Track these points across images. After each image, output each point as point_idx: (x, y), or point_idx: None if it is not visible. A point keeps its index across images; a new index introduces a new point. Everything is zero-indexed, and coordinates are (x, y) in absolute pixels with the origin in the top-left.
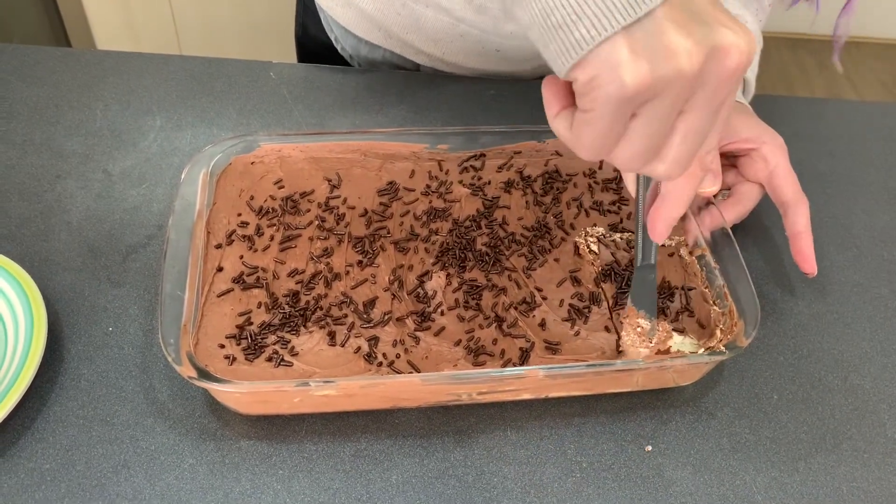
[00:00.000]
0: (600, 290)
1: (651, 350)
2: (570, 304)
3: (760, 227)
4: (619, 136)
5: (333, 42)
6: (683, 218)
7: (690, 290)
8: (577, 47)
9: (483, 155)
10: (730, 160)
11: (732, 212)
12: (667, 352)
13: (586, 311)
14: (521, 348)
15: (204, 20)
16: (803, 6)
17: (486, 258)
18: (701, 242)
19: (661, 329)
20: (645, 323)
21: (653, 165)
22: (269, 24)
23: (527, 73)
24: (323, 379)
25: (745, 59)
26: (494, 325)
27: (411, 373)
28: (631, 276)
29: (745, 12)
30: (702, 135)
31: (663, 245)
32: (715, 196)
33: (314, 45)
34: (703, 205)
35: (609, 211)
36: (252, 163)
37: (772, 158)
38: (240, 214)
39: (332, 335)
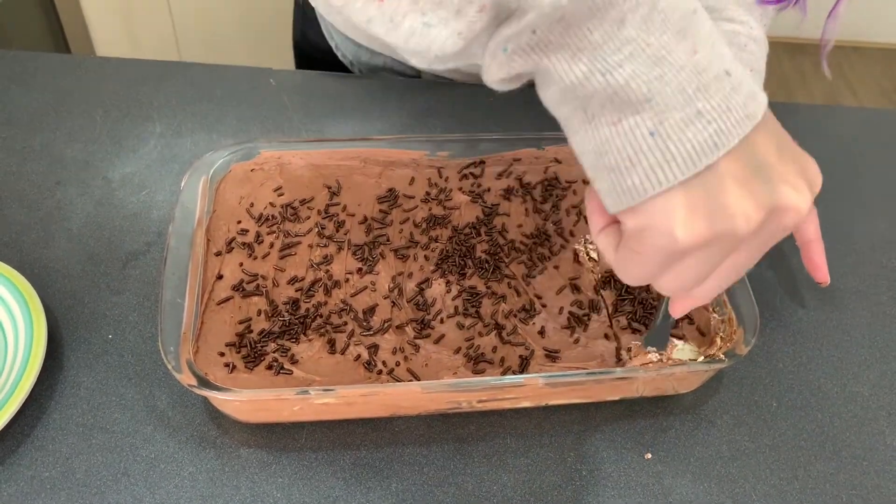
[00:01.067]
0: (600, 297)
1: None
2: (570, 312)
3: None
4: (665, 271)
5: (334, 49)
6: None
7: None
8: (628, 194)
9: (483, 162)
10: None
11: None
12: (667, 359)
13: (586, 318)
14: (520, 356)
15: (204, 27)
16: (793, 11)
17: (486, 265)
18: None
19: (668, 350)
20: (654, 356)
21: (691, 291)
22: (269, 30)
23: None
24: (323, 387)
25: (801, 219)
26: (494, 332)
27: (411, 381)
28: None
29: (750, 18)
30: (743, 271)
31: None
32: None
33: (313, 51)
34: None
35: None
36: (252, 170)
37: None
38: (239, 222)
39: (331, 343)
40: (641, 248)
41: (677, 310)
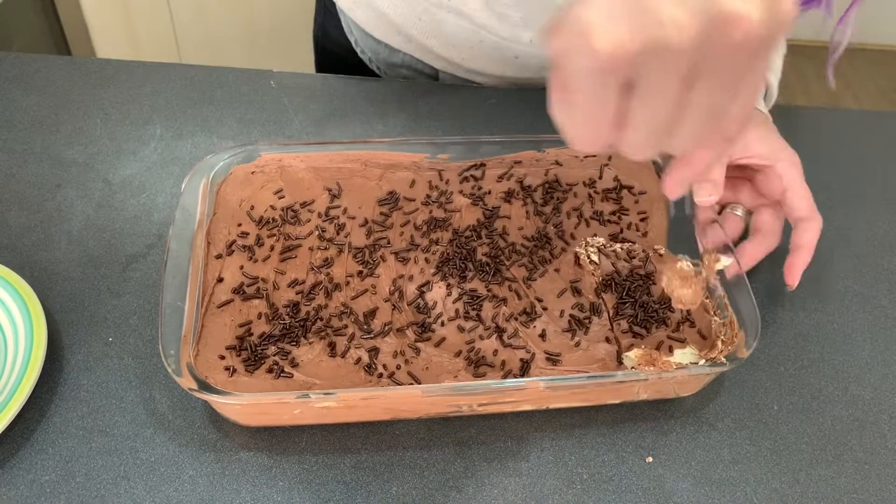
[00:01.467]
0: (601, 300)
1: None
2: (571, 315)
3: None
4: (611, 120)
5: (353, 45)
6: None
7: None
8: (551, 12)
9: (483, 164)
10: (745, 174)
11: (763, 247)
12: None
13: (587, 321)
14: (521, 359)
15: (204, 28)
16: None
17: (487, 268)
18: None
19: (706, 262)
20: (687, 267)
21: (664, 144)
22: (269, 32)
23: (545, 80)
24: (323, 391)
25: (756, 30)
26: (495, 335)
27: (412, 384)
28: (631, 287)
29: None
30: (717, 111)
31: (661, 255)
32: (720, 211)
33: (333, 47)
34: (709, 223)
35: (609, 221)
36: (252, 172)
37: (786, 176)
38: (240, 224)
39: (332, 346)
40: (568, 79)
41: (672, 185)
